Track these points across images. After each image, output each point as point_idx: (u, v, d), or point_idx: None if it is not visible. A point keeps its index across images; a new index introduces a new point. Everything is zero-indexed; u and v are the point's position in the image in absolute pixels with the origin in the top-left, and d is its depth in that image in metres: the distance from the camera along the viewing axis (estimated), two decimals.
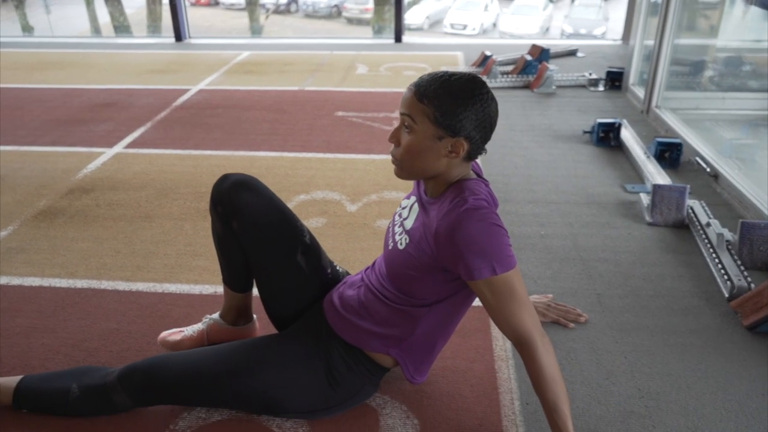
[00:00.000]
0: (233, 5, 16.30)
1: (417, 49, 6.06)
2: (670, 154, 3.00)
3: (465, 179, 1.29)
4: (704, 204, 2.48)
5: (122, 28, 11.60)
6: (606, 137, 3.31)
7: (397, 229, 1.40)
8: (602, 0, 16.95)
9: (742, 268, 2.02)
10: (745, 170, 2.77)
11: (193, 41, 6.58)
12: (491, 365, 1.69)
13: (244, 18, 13.77)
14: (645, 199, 2.57)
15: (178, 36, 6.50)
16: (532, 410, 1.52)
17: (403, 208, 1.44)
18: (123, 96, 4.36)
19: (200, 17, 15.15)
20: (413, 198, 1.42)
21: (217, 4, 17.11)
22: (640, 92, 4.05)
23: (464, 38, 11.92)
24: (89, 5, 12.73)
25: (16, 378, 1.51)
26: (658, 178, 2.69)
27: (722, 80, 4.13)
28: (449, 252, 1.22)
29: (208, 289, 2.04)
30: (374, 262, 1.51)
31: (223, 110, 4.01)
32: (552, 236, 2.38)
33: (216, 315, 1.73)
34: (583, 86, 4.54)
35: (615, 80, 4.45)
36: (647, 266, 2.17)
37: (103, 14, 12.15)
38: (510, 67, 4.89)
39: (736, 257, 2.09)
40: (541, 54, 4.84)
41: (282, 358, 1.44)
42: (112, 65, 5.40)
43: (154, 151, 3.29)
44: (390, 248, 1.40)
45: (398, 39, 6.38)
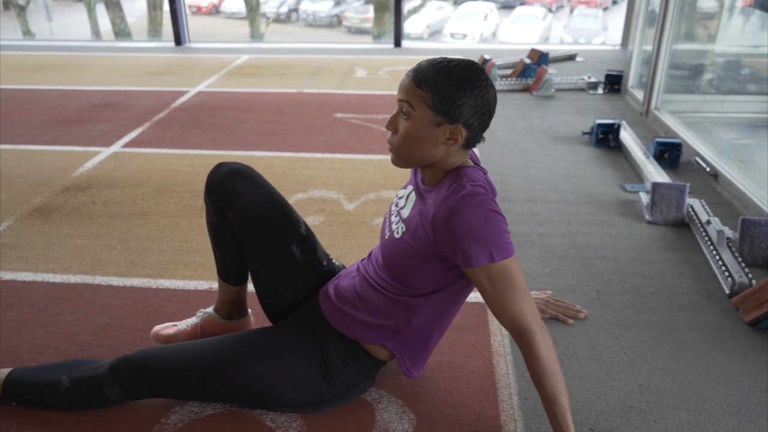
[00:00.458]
0: (234, 14, 16.37)
1: (416, 54, 6.07)
2: (670, 155, 2.99)
3: (463, 166, 1.28)
4: (704, 203, 2.46)
5: (123, 34, 11.63)
6: (605, 138, 3.30)
7: (394, 219, 1.38)
8: (601, 10, 17.05)
9: (743, 265, 2.00)
10: (745, 170, 2.75)
11: (193, 45, 6.59)
12: (489, 361, 1.66)
13: (245, 27, 13.81)
14: (644, 198, 2.55)
15: (178, 40, 6.51)
16: (531, 405, 1.50)
17: (400, 198, 1.42)
18: (121, 97, 4.36)
19: (201, 25, 15.21)
20: (410, 187, 1.40)
21: (218, 13, 17.19)
22: (639, 95, 4.05)
23: (464, 43, 11.95)
24: (91, 12, 12.78)
25: (6, 370, 1.48)
26: (658, 178, 2.67)
27: (721, 83, 4.13)
28: (446, 238, 1.20)
29: (203, 285, 2.02)
30: (371, 253, 1.49)
31: (222, 111, 4.00)
32: (551, 234, 2.36)
33: (210, 309, 1.70)
34: (582, 89, 4.53)
35: (614, 83, 4.45)
36: (647, 263, 2.14)
37: (105, 23, 12.20)
38: (509, 71, 4.89)
39: (737, 254, 2.07)
40: (540, 58, 4.84)
41: (276, 350, 1.41)
42: (112, 67, 5.40)
43: (152, 151, 3.28)
44: (386, 238, 1.38)
45: (398, 44, 6.39)
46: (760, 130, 3.61)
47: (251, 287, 1.58)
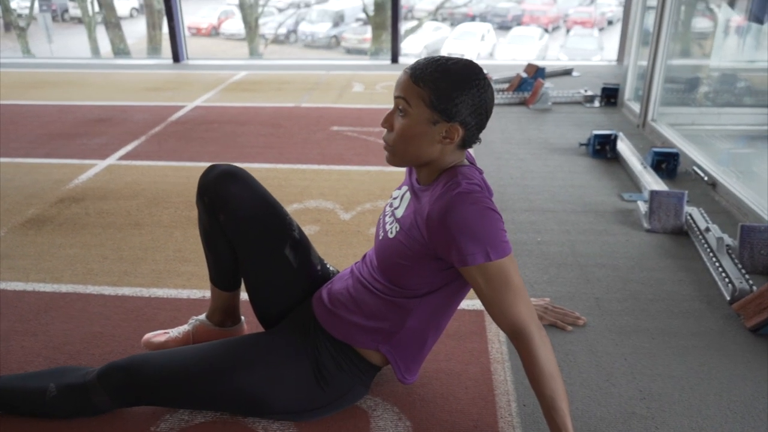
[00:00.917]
0: (233, 35, 16.51)
1: None
2: (667, 164, 2.98)
3: (459, 165, 1.26)
4: (703, 211, 2.44)
5: (122, 53, 11.71)
6: (602, 149, 3.29)
7: (388, 219, 1.36)
8: (597, 29, 17.23)
9: (743, 272, 1.97)
10: (743, 179, 2.74)
11: (191, 62, 6.62)
12: (487, 368, 1.63)
13: (244, 48, 13.92)
14: (642, 207, 2.54)
15: (176, 57, 6.54)
16: (530, 411, 1.46)
17: (394, 198, 1.40)
18: (118, 112, 4.35)
19: (200, 46, 15.33)
20: (405, 188, 1.38)
21: (218, 35, 17.34)
22: (636, 107, 4.06)
23: None
24: (91, 33, 12.89)
25: None
26: (656, 187, 2.66)
27: (717, 96, 4.15)
28: (441, 237, 1.18)
29: (196, 294, 1.99)
30: (365, 255, 1.46)
31: (219, 125, 4.00)
32: (549, 243, 2.33)
33: (203, 316, 1.67)
34: (579, 102, 4.54)
35: (610, 96, 4.46)
36: (646, 271, 2.12)
37: (105, 44, 12.30)
38: (505, 85, 4.91)
39: (737, 261, 2.05)
40: (537, 72, 4.86)
41: (268, 355, 1.38)
42: (109, 83, 5.41)
43: (148, 163, 3.26)
44: (380, 238, 1.36)
45: (395, 60, 6.43)
46: (757, 142, 3.61)
47: (245, 295, 1.55)
